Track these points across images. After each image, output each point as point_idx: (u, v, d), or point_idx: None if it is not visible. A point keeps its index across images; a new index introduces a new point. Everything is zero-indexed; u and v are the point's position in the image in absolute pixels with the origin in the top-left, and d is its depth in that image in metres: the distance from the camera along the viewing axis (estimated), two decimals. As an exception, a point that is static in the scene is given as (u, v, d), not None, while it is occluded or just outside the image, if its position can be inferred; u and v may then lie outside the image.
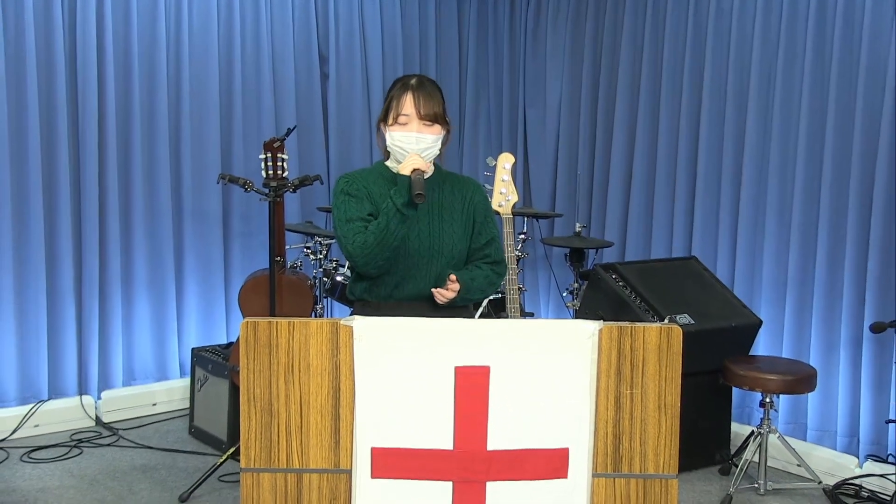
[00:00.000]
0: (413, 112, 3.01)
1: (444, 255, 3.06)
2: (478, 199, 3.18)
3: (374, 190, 3.07)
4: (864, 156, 4.79)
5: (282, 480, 2.42)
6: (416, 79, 3.07)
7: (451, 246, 3.08)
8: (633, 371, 2.41)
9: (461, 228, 3.12)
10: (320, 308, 5.11)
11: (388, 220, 2.92)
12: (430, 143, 3.03)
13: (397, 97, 3.04)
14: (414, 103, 3.01)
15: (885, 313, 4.70)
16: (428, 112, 3.01)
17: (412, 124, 3.02)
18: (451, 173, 3.22)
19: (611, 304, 4.97)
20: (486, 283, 3.11)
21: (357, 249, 2.96)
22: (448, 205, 3.12)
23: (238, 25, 5.71)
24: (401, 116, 3.02)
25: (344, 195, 3.06)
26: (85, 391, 5.40)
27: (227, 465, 4.60)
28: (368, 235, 2.94)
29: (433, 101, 3.03)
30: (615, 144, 6.08)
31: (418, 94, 3.01)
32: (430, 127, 3.03)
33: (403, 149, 3.02)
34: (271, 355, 2.39)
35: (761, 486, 4.63)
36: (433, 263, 3.06)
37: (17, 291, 5.11)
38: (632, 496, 2.44)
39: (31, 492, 4.44)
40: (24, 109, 5.04)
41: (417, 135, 3.01)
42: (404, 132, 3.02)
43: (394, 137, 3.04)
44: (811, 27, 4.97)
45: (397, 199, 2.92)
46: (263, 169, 4.42)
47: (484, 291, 3.12)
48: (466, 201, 3.15)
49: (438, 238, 3.07)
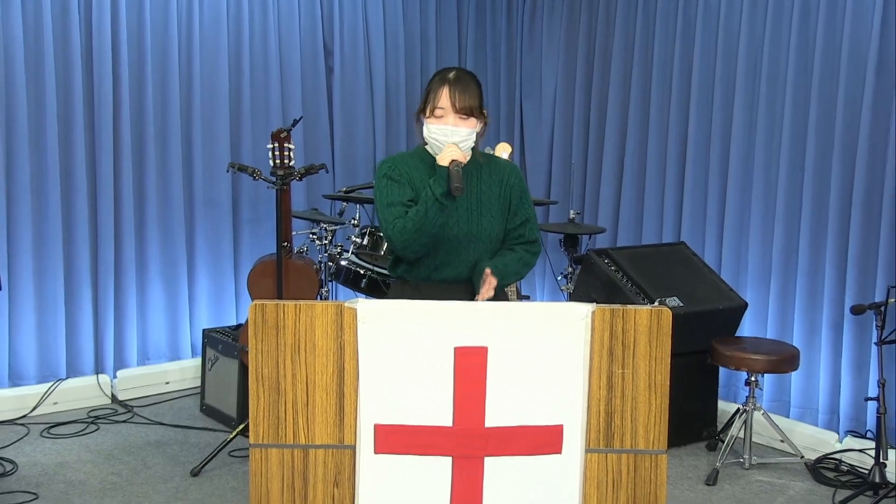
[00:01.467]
0: (449, 105, 2.97)
1: (481, 239, 3.04)
2: (514, 182, 3.13)
3: (415, 175, 3.03)
4: (844, 147, 4.79)
5: (289, 455, 2.42)
6: (454, 72, 3.03)
7: (488, 231, 3.05)
8: (624, 351, 2.40)
9: (498, 212, 3.08)
10: (325, 291, 5.11)
11: (426, 209, 2.89)
12: (465, 136, 2.99)
13: (435, 90, 3.00)
14: (450, 97, 2.96)
15: (865, 296, 4.70)
16: (463, 105, 2.97)
17: (448, 117, 2.98)
18: (489, 156, 3.17)
19: (603, 288, 4.97)
20: (520, 265, 3.09)
21: (396, 234, 2.93)
22: (486, 189, 3.07)
23: (247, 21, 5.69)
24: (437, 109, 2.98)
25: (386, 179, 3.03)
26: (101, 370, 5.40)
27: (237, 440, 4.60)
28: (407, 221, 2.92)
29: (469, 94, 2.98)
30: (608, 135, 6.07)
31: (454, 89, 2.97)
32: (466, 120, 2.99)
33: (439, 141, 2.99)
34: (278, 336, 2.39)
35: (746, 461, 4.64)
36: (471, 248, 3.03)
37: (37, 276, 5.11)
38: (623, 471, 2.44)
39: (50, 466, 4.44)
40: (42, 103, 5.03)
41: (453, 128, 2.97)
42: (440, 125, 2.98)
43: (430, 130, 3.01)
44: (795, 24, 4.96)
45: (436, 189, 2.88)
46: (271, 158, 4.41)
47: (519, 273, 3.10)
48: (504, 185, 3.10)
49: (477, 223, 3.03)
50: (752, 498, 4.32)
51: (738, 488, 4.42)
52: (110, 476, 4.36)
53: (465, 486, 2.41)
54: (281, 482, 2.42)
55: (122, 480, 4.31)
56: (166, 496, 4.15)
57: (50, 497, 4.10)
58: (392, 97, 6.33)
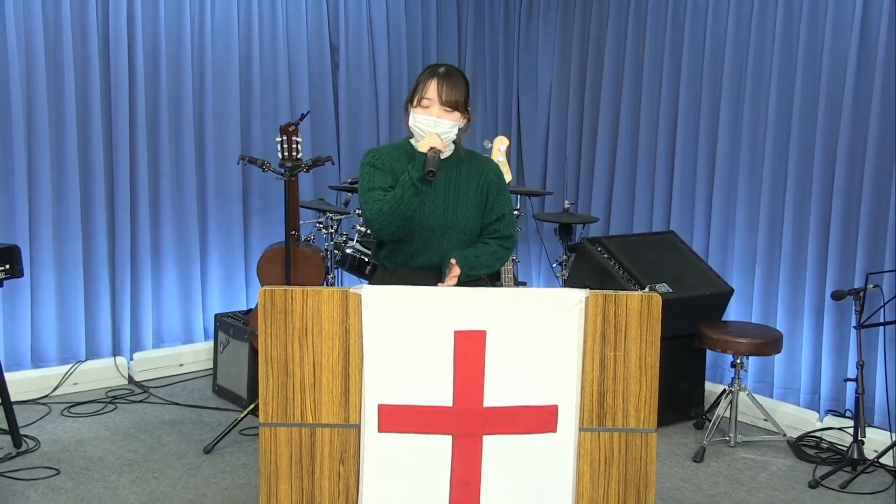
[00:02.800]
0: (435, 97, 2.96)
1: (456, 230, 3.03)
2: (492, 178, 3.12)
3: (396, 165, 3.03)
4: (826, 140, 4.78)
5: (297, 434, 2.42)
6: (444, 68, 3.03)
7: (464, 222, 3.04)
8: (616, 335, 2.40)
9: (474, 206, 3.07)
10: (331, 278, 5.11)
11: (403, 192, 2.89)
12: (448, 129, 2.98)
13: (424, 82, 3.00)
14: (437, 89, 2.96)
15: (845, 282, 4.70)
16: (449, 99, 2.97)
17: (433, 108, 2.97)
18: (471, 152, 3.16)
19: (596, 274, 4.96)
20: (492, 259, 3.06)
21: (374, 215, 2.94)
22: (464, 183, 3.06)
23: (256, 19, 5.67)
24: (424, 100, 2.98)
25: (369, 167, 3.03)
26: (118, 353, 5.41)
27: (248, 419, 4.61)
28: (384, 204, 2.91)
29: (456, 90, 2.98)
30: (600, 129, 6.06)
31: (443, 82, 2.97)
32: (450, 113, 2.98)
33: (422, 129, 2.99)
34: (287, 320, 2.39)
35: (732, 439, 4.64)
36: (446, 238, 3.02)
37: (57, 264, 5.11)
38: (615, 448, 2.44)
39: (70, 443, 4.45)
40: (61, 100, 5.02)
41: (436, 119, 2.97)
42: (425, 115, 2.98)
43: (415, 119, 3.00)
44: (779, 22, 4.95)
45: (413, 174, 2.88)
46: (279, 151, 4.40)
47: (490, 266, 3.07)
48: (482, 180, 3.09)
49: (453, 215, 3.03)
50: (737, 474, 4.33)
51: (724, 465, 4.43)
52: (127, 453, 4.36)
53: (465, 463, 2.41)
54: (289, 459, 2.43)
55: (139, 457, 4.32)
56: (180, 472, 4.16)
57: (70, 472, 4.11)
58: (395, 93, 6.31)
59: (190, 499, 3.89)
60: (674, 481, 4.23)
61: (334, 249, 5.06)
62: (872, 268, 4.56)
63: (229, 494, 3.94)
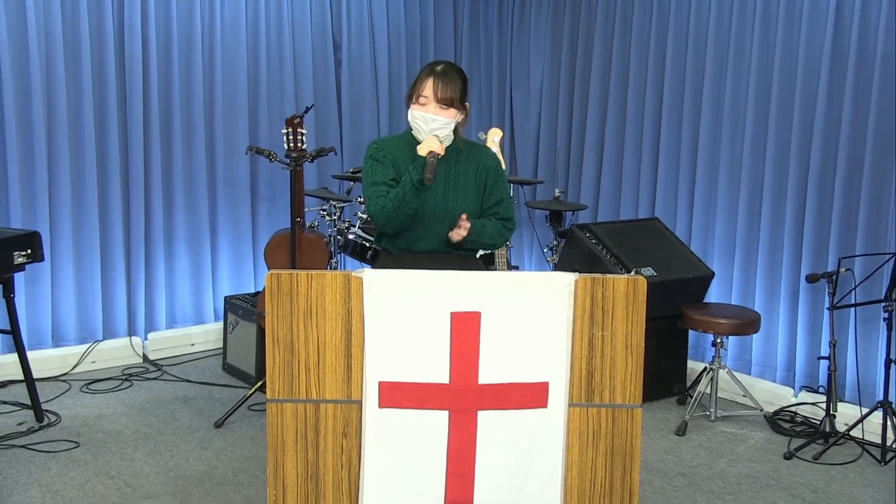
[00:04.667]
0: (431, 95, 2.94)
1: (456, 215, 3.00)
2: (490, 165, 3.10)
3: (398, 157, 3.02)
4: (801, 132, 4.78)
5: (302, 409, 2.42)
6: (442, 66, 2.99)
7: (463, 207, 3.01)
8: (604, 316, 2.39)
9: (473, 192, 3.05)
10: (334, 262, 5.09)
11: (404, 192, 2.89)
12: (443, 125, 2.96)
13: (421, 80, 2.98)
14: (433, 87, 2.94)
15: (819, 266, 4.70)
16: (444, 96, 2.94)
17: (430, 105, 2.96)
18: (468, 142, 3.14)
19: (585, 259, 4.96)
20: (495, 233, 3.05)
21: (378, 211, 2.93)
22: (463, 171, 3.05)
23: (263, 17, 5.64)
24: (421, 97, 2.97)
25: (372, 160, 3.02)
26: (134, 333, 5.40)
27: (256, 396, 4.61)
28: (388, 201, 2.90)
29: (451, 87, 2.95)
30: (589, 121, 6.04)
31: (439, 80, 2.94)
32: (446, 110, 2.96)
33: (420, 126, 2.97)
34: (292, 302, 2.38)
35: (712, 414, 4.65)
36: (446, 223, 3.01)
37: (76, 249, 5.10)
38: (602, 423, 2.44)
39: (90, 417, 4.44)
40: (79, 93, 5.00)
41: (433, 116, 2.95)
42: (422, 111, 2.97)
43: (413, 115, 2.99)
44: (758, 21, 4.94)
45: (414, 176, 2.88)
46: (285, 142, 4.38)
47: (493, 240, 3.06)
48: (480, 167, 3.08)
49: (452, 202, 3.01)
50: (718, 447, 4.33)
51: (705, 438, 4.44)
52: (143, 427, 4.36)
53: (461, 436, 2.41)
54: (295, 433, 2.42)
55: (154, 431, 4.31)
56: (192, 445, 4.16)
57: (90, 445, 4.11)
58: (394, 87, 6.29)
59: (202, 470, 3.89)
60: (657, 454, 4.23)
61: (337, 235, 5.05)
62: (844, 252, 4.56)
63: (239, 466, 3.94)
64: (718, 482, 3.94)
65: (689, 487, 3.88)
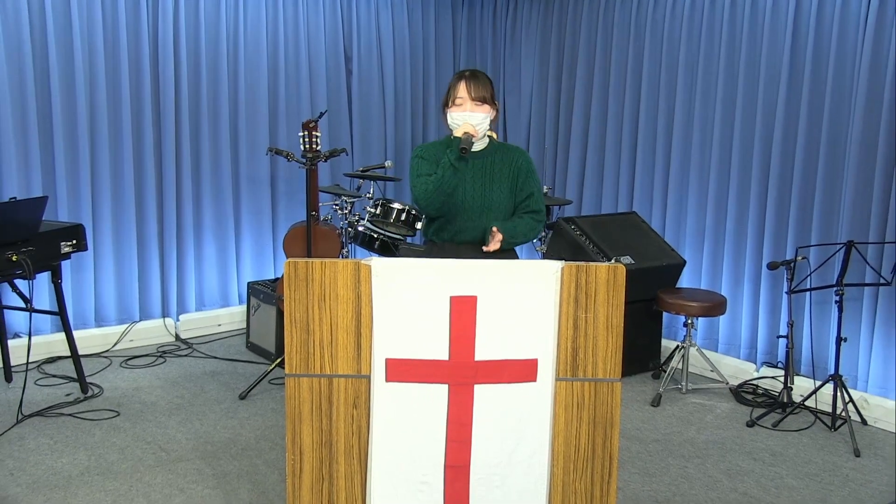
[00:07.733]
0: (466, 95, 2.95)
1: (493, 209, 3.00)
2: (521, 162, 3.08)
3: (439, 155, 3.01)
4: (763, 135, 4.77)
5: (317, 383, 2.41)
6: (469, 71, 3.02)
7: (498, 202, 3.01)
8: (587, 299, 2.39)
9: (507, 188, 3.04)
10: (346, 251, 5.08)
11: (443, 172, 2.89)
12: (481, 120, 2.96)
13: (454, 85, 2.98)
14: (467, 88, 2.95)
15: (779, 254, 4.70)
16: (478, 95, 2.95)
17: (466, 105, 2.96)
18: (502, 144, 3.13)
19: (570, 248, 4.95)
20: (527, 229, 3.04)
21: (421, 194, 2.94)
22: (497, 170, 3.04)
23: (282, 33, 5.61)
24: (457, 99, 2.97)
25: (418, 158, 3.03)
26: (167, 314, 5.40)
27: (276, 371, 4.61)
28: (429, 184, 2.92)
29: (482, 86, 2.97)
30: (574, 125, 6.02)
31: (470, 82, 2.96)
32: (480, 106, 2.96)
33: (458, 124, 2.97)
34: (308, 287, 2.37)
35: (683, 387, 4.65)
36: (483, 217, 3.00)
37: (115, 239, 5.10)
38: (585, 395, 2.44)
39: (128, 390, 4.45)
40: (119, 100, 4.99)
41: (470, 113, 2.95)
42: (460, 112, 2.97)
43: (452, 117, 2.98)
44: (724, 29, 4.92)
45: (451, 156, 2.89)
46: (301, 143, 4.37)
47: (527, 236, 3.05)
48: (512, 165, 3.06)
49: (489, 197, 3.01)
50: (688, 416, 4.34)
51: (677, 408, 4.44)
52: (175, 398, 4.36)
53: (459, 407, 2.40)
54: (311, 404, 2.42)
55: (185, 402, 4.32)
56: (219, 414, 4.16)
57: (129, 414, 4.11)
58: (400, 94, 6.27)
59: (228, 437, 3.89)
60: (635, 423, 4.24)
61: (348, 227, 5.04)
62: (801, 242, 4.56)
63: (261, 433, 3.94)
64: (689, 447, 3.94)
65: (662, 452, 3.88)
